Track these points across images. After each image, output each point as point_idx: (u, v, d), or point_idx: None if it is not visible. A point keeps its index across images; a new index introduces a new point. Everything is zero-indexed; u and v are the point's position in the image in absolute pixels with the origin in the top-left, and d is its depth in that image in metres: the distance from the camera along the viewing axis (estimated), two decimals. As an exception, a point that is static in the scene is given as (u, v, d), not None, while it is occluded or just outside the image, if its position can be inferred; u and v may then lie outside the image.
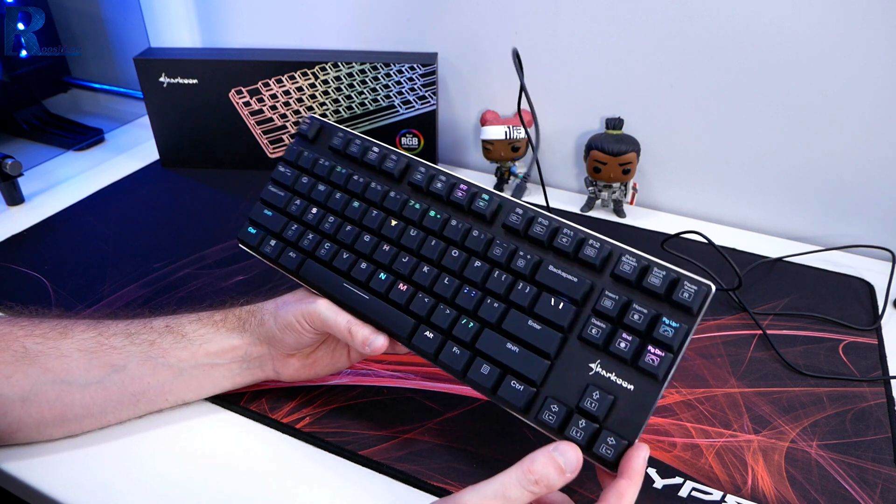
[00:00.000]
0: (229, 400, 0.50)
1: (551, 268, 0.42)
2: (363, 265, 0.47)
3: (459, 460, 0.46)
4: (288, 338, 0.46)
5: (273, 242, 0.51)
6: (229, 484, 0.45)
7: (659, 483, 0.45)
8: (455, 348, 0.42)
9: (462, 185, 0.46)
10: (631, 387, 0.38)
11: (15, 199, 0.76)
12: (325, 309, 0.45)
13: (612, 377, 0.38)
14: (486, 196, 0.45)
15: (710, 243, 0.58)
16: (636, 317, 0.38)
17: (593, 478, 0.45)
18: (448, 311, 0.43)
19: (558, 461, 0.35)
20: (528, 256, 0.43)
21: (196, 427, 0.48)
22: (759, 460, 0.47)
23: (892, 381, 0.55)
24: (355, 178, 0.50)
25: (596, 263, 0.41)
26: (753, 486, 0.45)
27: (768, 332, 0.59)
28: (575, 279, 0.41)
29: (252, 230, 0.53)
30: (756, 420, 0.51)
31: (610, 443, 0.37)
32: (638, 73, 0.73)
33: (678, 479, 0.46)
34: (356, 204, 0.49)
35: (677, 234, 0.61)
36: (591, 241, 0.41)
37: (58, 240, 0.70)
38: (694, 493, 0.45)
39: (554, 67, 0.77)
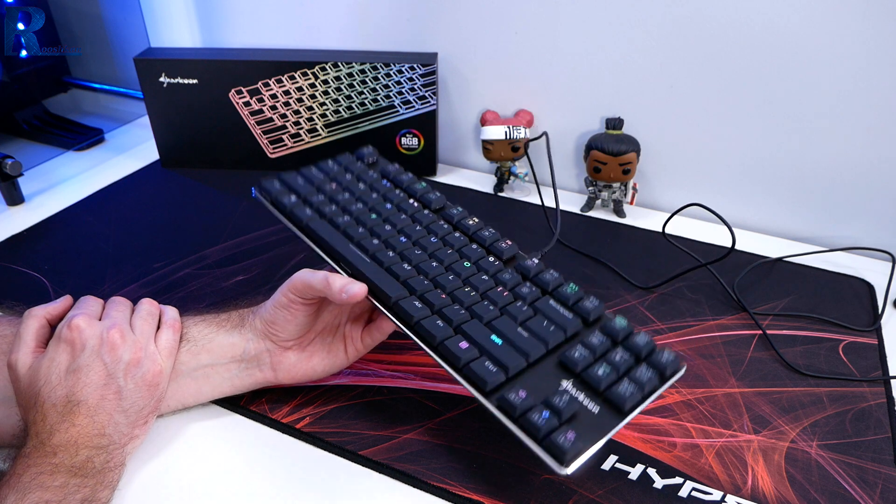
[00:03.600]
0: (230, 400, 0.50)
1: (552, 302, 0.45)
2: (374, 241, 0.49)
3: (459, 460, 0.46)
4: (280, 316, 0.46)
5: (293, 198, 0.53)
6: (230, 484, 0.45)
7: (659, 483, 0.45)
8: (439, 321, 0.43)
9: (490, 230, 0.51)
10: (595, 409, 0.39)
11: (15, 199, 0.76)
12: (305, 272, 0.46)
13: (581, 398, 0.40)
14: (509, 241, 0.50)
15: (710, 210, 0.59)
16: (618, 357, 0.41)
17: (593, 477, 0.45)
18: (444, 297, 0.45)
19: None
20: (533, 289, 0.46)
21: (196, 428, 0.48)
22: (759, 460, 0.47)
23: (892, 381, 0.55)
24: (396, 192, 0.54)
25: (589, 318, 0.45)
26: (753, 486, 0.45)
27: (768, 332, 0.59)
28: (570, 316, 0.44)
29: (277, 185, 0.55)
30: (756, 420, 0.51)
31: (569, 437, 0.37)
32: (638, 73, 0.73)
33: (678, 479, 0.46)
34: (388, 205, 0.53)
35: (681, 209, 0.62)
36: (591, 299, 0.45)
37: (58, 240, 0.70)
38: (694, 493, 0.45)
39: (554, 67, 0.77)
